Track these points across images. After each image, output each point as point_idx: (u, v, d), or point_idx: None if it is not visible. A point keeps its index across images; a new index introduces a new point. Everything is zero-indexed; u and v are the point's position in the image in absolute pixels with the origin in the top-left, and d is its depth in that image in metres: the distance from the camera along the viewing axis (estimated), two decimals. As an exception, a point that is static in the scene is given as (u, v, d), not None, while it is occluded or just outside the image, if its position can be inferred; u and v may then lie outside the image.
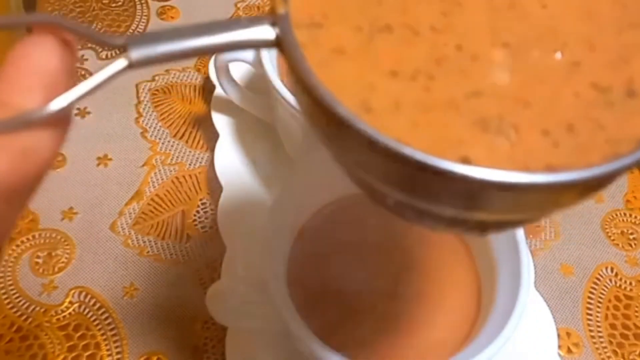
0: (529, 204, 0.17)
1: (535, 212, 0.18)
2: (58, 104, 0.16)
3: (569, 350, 0.38)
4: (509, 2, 0.18)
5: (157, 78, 0.47)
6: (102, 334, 0.36)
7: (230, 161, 0.41)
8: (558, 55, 0.18)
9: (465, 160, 0.16)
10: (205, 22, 0.17)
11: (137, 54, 0.17)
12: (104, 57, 0.48)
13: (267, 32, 0.17)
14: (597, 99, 0.17)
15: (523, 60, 0.18)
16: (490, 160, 0.16)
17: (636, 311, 0.39)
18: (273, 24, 0.17)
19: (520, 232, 0.30)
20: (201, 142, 0.44)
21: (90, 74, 0.52)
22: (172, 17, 0.51)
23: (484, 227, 0.20)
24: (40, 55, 0.16)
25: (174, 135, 0.45)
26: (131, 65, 0.17)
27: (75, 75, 0.18)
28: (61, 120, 0.17)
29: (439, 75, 0.17)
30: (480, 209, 0.17)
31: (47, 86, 0.16)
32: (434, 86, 0.17)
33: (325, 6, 0.18)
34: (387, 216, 0.34)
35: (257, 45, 0.18)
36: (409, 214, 0.19)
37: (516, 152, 0.16)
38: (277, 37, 0.17)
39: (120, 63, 0.17)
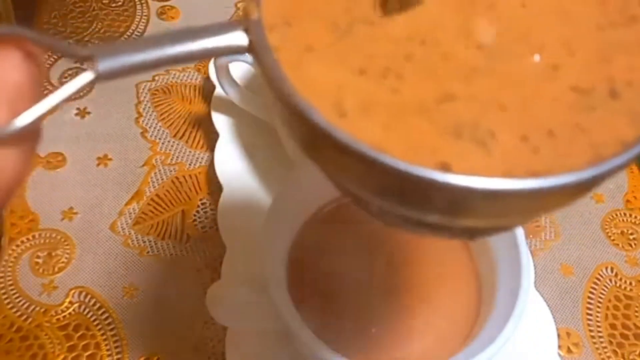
0: (513, 210, 0.17)
1: (521, 217, 0.18)
2: (24, 120, 0.15)
3: (569, 350, 0.38)
4: (489, 2, 0.18)
5: (157, 78, 0.47)
6: (102, 334, 0.36)
7: (230, 161, 0.41)
8: (536, 57, 0.17)
9: (445, 167, 0.15)
10: (176, 30, 0.17)
11: (104, 65, 0.16)
12: (104, 57, 0.48)
13: (240, 38, 0.17)
14: (577, 102, 0.16)
15: (499, 62, 0.17)
16: (470, 168, 0.15)
17: (636, 311, 0.39)
18: (246, 30, 0.17)
19: (520, 232, 0.30)
20: (201, 142, 0.44)
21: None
22: (172, 17, 0.51)
23: (471, 233, 0.19)
24: (3, 68, 0.15)
25: (174, 135, 0.45)
26: (98, 78, 0.16)
27: (41, 89, 0.17)
28: (28, 137, 0.16)
29: (408, 74, 0.17)
30: (463, 216, 0.17)
31: (12, 101, 0.15)
32: (403, 87, 0.17)
33: (296, 4, 0.18)
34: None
35: (230, 52, 0.17)
36: (393, 220, 0.19)
37: (494, 159, 0.16)
38: (250, 43, 0.17)
39: (87, 76, 0.16)
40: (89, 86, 0.16)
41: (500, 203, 0.16)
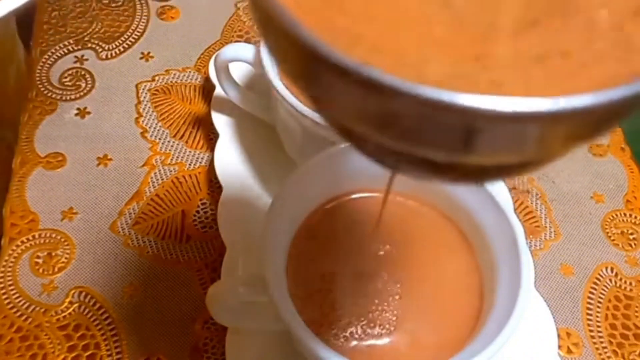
0: (529, 140, 0.15)
1: (542, 150, 0.16)
2: None
3: (569, 350, 0.38)
4: None
5: (157, 78, 0.47)
6: (102, 334, 0.36)
7: (230, 161, 0.41)
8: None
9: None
10: None
11: None
12: (103, 57, 0.48)
13: None
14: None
15: None
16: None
17: (636, 311, 0.39)
18: None
19: (520, 232, 0.30)
20: (201, 142, 0.44)
21: (91, 75, 0.51)
22: (172, 17, 0.51)
23: (480, 174, 0.17)
24: None
25: (174, 135, 0.45)
26: None
27: None
28: None
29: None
30: (479, 149, 0.15)
31: None
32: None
33: None
34: (387, 215, 0.34)
35: None
36: (395, 163, 0.17)
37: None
38: None
39: None
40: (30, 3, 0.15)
41: (519, 128, 0.14)
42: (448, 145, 0.15)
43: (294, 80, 0.17)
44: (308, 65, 0.15)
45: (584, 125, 0.15)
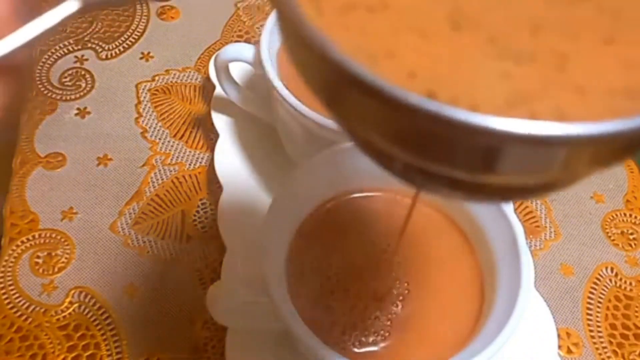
0: (557, 163, 0.15)
1: (566, 174, 0.16)
2: (2, 48, 0.15)
3: (569, 350, 0.38)
4: None
5: (157, 78, 0.47)
6: (102, 334, 0.36)
7: (230, 161, 0.41)
8: None
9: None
10: None
11: None
12: (103, 57, 0.48)
13: None
14: None
15: None
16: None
17: (636, 311, 0.39)
18: None
19: (520, 232, 0.30)
20: (201, 142, 0.44)
21: (91, 75, 0.51)
22: (172, 17, 0.51)
23: (505, 193, 0.18)
24: None
25: (174, 135, 0.45)
26: (85, 7, 0.15)
27: (25, 19, 0.15)
28: (10, 69, 0.15)
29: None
30: (508, 170, 0.15)
31: None
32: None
33: None
34: (387, 214, 0.34)
35: None
36: (422, 181, 0.18)
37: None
38: None
39: (71, 5, 0.15)
40: (73, 17, 0.15)
41: (545, 151, 0.14)
42: (478, 166, 0.15)
43: (322, 101, 0.17)
44: (351, 93, 0.15)
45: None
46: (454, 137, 0.14)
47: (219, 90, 0.43)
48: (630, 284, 0.41)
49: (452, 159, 0.15)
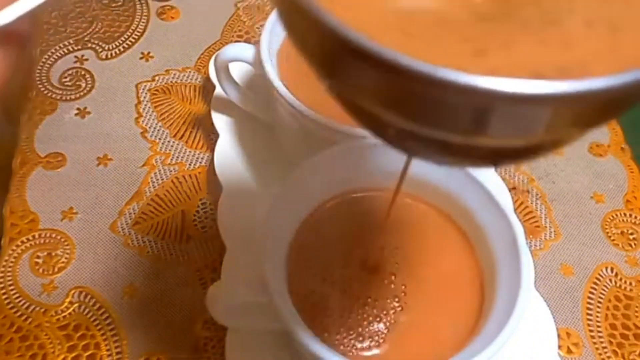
0: (542, 122, 0.15)
1: (553, 134, 0.16)
2: (4, 18, 0.14)
3: (569, 350, 0.38)
4: None
5: (157, 78, 0.47)
6: (102, 334, 0.36)
7: (230, 161, 0.41)
8: None
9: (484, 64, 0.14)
10: None
11: None
12: (103, 57, 0.48)
13: None
14: None
15: None
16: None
17: (636, 311, 0.39)
18: None
19: (520, 232, 0.30)
20: (201, 142, 0.44)
21: (91, 75, 0.51)
22: (172, 17, 0.51)
23: (495, 156, 0.18)
24: None
25: (174, 135, 0.45)
26: None
27: None
28: (12, 39, 0.15)
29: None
30: (496, 132, 0.15)
31: None
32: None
33: None
34: (387, 214, 0.34)
35: None
36: (413, 146, 0.18)
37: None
38: None
39: None
40: None
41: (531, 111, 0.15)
42: (467, 127, 0.15)
43: (312, 65, 0.17)
44: (339, 56, 0.15)
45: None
46: (444, 98, 0.14)
47: (219, 90, 0.43)
48: (630, 284, 0.41)
49: (442, 120, 0.15)
